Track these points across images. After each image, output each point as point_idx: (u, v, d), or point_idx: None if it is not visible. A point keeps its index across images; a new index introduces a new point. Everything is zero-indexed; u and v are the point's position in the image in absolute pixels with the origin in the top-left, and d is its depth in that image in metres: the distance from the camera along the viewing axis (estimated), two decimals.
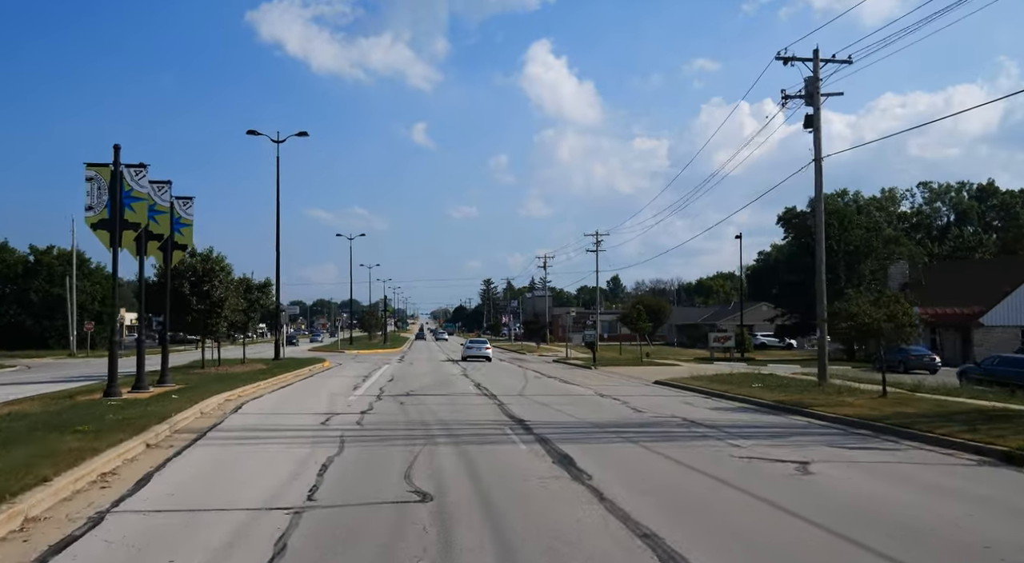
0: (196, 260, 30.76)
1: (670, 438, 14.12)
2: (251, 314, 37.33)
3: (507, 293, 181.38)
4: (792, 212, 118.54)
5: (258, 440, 13.42)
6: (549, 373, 36.98)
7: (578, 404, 20.90)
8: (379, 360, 50.64)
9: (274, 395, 23.16)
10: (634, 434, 14.52)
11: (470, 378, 31.97)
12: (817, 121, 24.68)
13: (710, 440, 13.86)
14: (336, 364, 44.45)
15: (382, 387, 26.34)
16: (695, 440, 13.86)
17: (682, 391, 25.73)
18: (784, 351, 70.45)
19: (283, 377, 30.28)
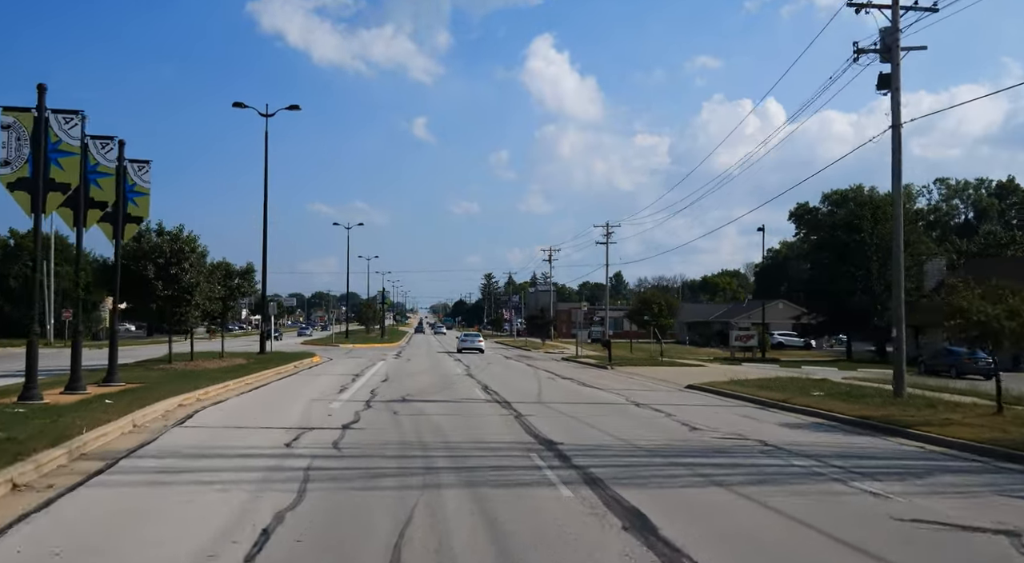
0: (164, 240, 26.73)
1: (764, 475, 10.12)
2: (231, 303, 33.29)
3: (508, 288, 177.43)
4: (804, 208, 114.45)
5: (185, 476, 9.36)
6: (563, 373, 32.95)
7: (612, 416, 16.88)
8: (374, 355, 46.63)
9: (242, 399, 19.12)
10: (711, 468, 10.50)
11: (476, 379, 27.95)
12: (896, 79, 20.63)
13: (824, 480, 9.85)
14: (326, 360, 40.43)
15: (374, 389, 22.32)
16: (803, 480, 9.84)
17: (728, 399, 21.72)
18: (803, 351, 66.42)
19: (262, 375, 26.28)
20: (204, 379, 21.83)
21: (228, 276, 33.11)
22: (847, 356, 54.10)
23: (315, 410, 16.71)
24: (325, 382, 24.93)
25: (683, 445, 12.83)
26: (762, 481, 9.68)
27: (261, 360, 33.82)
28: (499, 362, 42.41)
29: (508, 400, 19.87)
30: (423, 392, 21.99)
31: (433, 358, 45.83)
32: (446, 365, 37.73)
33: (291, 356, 38.75)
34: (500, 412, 17.19)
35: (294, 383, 24.73)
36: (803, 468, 10.70)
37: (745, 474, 10.15)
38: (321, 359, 40.31)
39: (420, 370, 33.08)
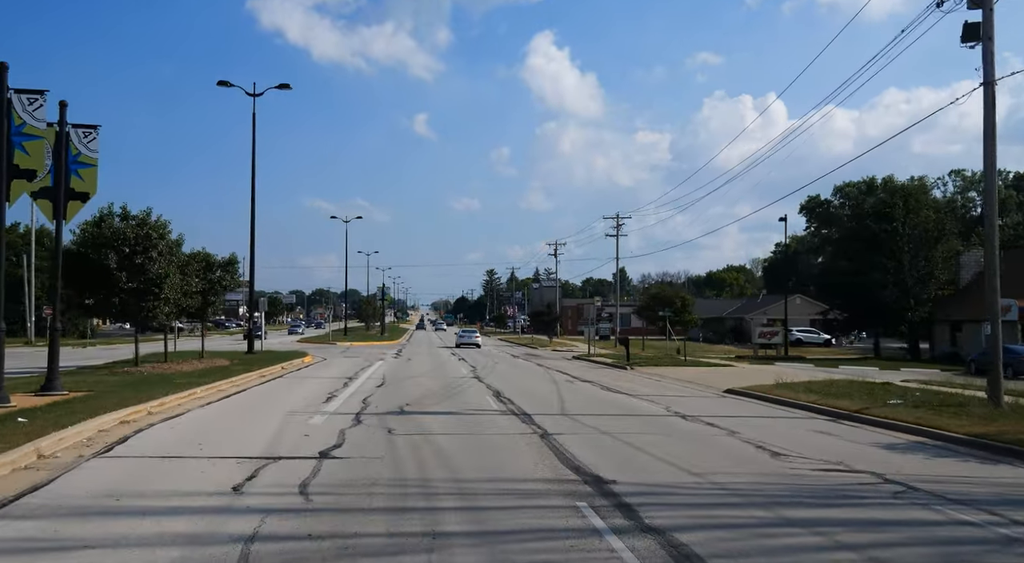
0: (128, 225, 23.32)
1: (938, 544, 6.71)
2: (211, 298, 29.87)
3: (511, 284, 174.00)
4: (816, 201, 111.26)
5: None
6: (580, 375, 29.52)
7: (660, 434, 13.46)
8: (372, 355, 43.25)
9: (205, 411, 15.72)
10: (847, 530, 7.08)
11: (485, 383, 24.53)
12: (988, 27, 17.20)
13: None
14: (320, 360, 37.04)
15: (367, 397, 18.92)
16: (995, 554, 6.44)
17: (786, 409, 18.30)
18: (823, 348, 62.92)
19: (241, 379, 22.90)
20: (167, 386, 18.43)
21: (208, 268, 29.74)
22: (875, 354, 50.67)
23: (291, 428, 13.30)
24: (312, 388, 21.53)
25: (778, 483, 9.41)
26: (948, 560, 6.27)
27: (246, 361, 30.43)
28: (507, 361, 39.02)
29: (527, 411, 16.46)
30: (425, 401, 18.58)
31: (436, 357, 42.44)
32: (450, 366, 34.32)
33: (281, 356, 35.37)
34: (521, 429, 13.78)
35: (276, 389, 21.34)
36: (981, 528, 7.27)
37: (908, 543, 6.74)
38: (313, 359, 36.92)
39: (422, 372, 29.69)
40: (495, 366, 34.63)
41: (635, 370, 33.46)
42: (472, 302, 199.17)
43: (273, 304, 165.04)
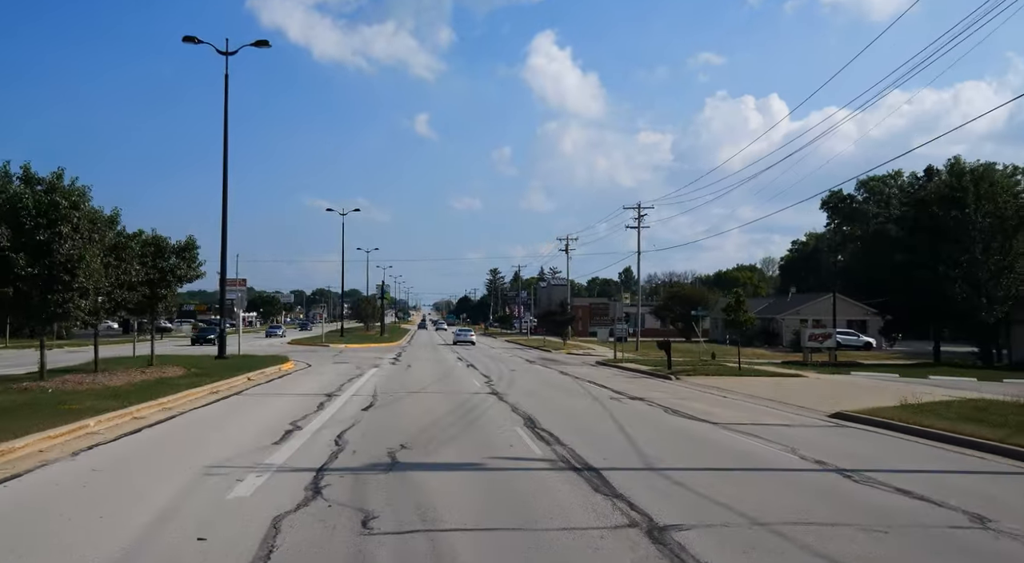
0: (29, 191, 17.26)
1: None
2: (162, 290, 23.80)
3: (514, 283, 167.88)
4: (837, 196, 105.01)
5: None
6: (624, 389, 23.28)
7: (864, 528, 7.34)
8: (368, 359, 37.14)
9: (63, 470, 9.58)
10: None
11: (508, 402, 18.32)
12: None
13: None
14: (302, 366, 30.94)
15: (344, 431, 12.79)
16: None
17: (955, 449, 12.18)
18: (863, 352, 56.72)
19: (182, 398, 16.84)
20: (45, 416, 12.33)
21: (158, 253, 23.69)
22: (935, 359, 44.41)
23: (181, 517, 7.15)
24: (272, 412, 15.42)
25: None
26: None
27: (207, 370, 24.35)
28: (523, 368, 32.85)
29: (589, 461, 10.30)
30: (429, 437, 12.44)
31: (440, 363, 36.30)
32: (458, 375, 28.18)
33: (255, 362, 29.29)
34: (601, 511, 7.62)
35: (220, 415, 15.23)
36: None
37: None
38: (295, 366, 30.84)
39: (424, 383, 23.58)
40: (512, 375, 28.48)
41: (682, 381, 27.35)
42: (475, 302, 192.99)
43: (270, 304, 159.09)
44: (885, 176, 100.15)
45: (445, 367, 32.56)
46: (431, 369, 31.06)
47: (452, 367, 32.31)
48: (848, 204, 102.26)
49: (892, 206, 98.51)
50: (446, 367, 32.50)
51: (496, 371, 30.46)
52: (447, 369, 31.08)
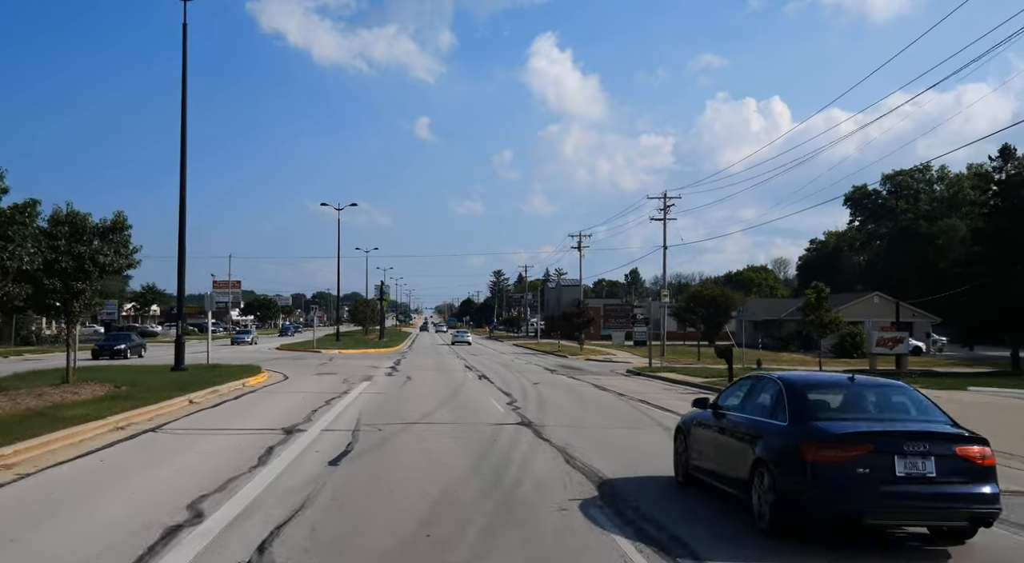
0: None
1: None
2: (78, 284, 17.71)
3: (518, 286, 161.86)
4: (862, 190, 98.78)
5: None
6: None
7: None
8: (360, 368, 31.03)
9: None
10: None
11: (553, 443, 12.04)
12: None
13: None
14: (278, 379, 24.89)
15: (286, 523, 6.75)
16: None
17: None
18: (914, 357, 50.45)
19: (62, 438, 10.84)
20: None
21: (74, 235, 17.66)
22: (1013, 366, 38.20)
23: None
24: (183, 474, 9.35)
25: None
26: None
27: (141, 389, 18.28)
28: (549, 382, 26.69)
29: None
30: (442, 544, 6.39)
31: (447, 373, 30.19)
32: (471, 391, 22.11)
33: (217, 375, 23.24)
34: None
35: (73, 484, 9.14)
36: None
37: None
38: (268, 378, 24.82)
39: (426, 407, 17.48)
40: (538, 391, 22.37)
41: None
42: (478, 305, 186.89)
43: (268, 307, 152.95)
44: (912, 170, 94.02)
45: (453, 380, 26.44)
46: (436, 383, 24.94)
47: (462, 381, 26.18)
48: (873, 200, 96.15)
49: (921, 201, 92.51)
50: (454, 380, 26.37)
51: (517, 385, 24.36)
52: (455, 384, 24.95)
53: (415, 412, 16.22)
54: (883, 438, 6.57)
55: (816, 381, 8.49)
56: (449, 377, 27.94)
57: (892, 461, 6.36)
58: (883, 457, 6.38)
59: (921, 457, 6.39)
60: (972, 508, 6.39)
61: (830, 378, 8.81)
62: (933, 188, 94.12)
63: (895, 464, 6.35)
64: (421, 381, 25.51)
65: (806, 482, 6.44)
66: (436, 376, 28.31)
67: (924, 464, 6.39)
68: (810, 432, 6.71)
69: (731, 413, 8.22)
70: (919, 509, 6.40)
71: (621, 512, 7.64)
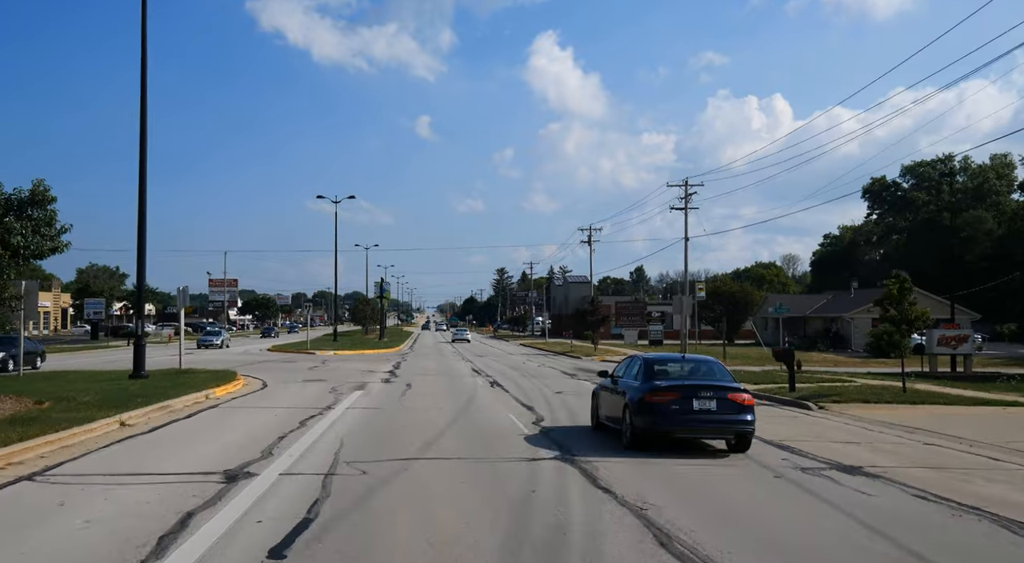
0: None
1: None
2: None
3: (522, 283, 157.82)
4: (881, 183, 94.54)
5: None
6: (784, 438, 13.04)
7: None
8: (354, 373, 27.07)
9: None
10: None
11: (626, 501, 8.00)
12: None
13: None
14: (253, 389, 20.86)
15: None
16: None
17: None
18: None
19: None
20: None
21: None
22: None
23: None
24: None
25: None
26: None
27: (78, 401, 14.37)
28: (572, 390, 22.54)
29: None
30: None
31: (453, 378, 26.22)
32: (483, 405, 18.09)
33: (179, 384, 19.29)
34: None
35: None
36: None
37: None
38: (242, 386, 20.87)
39: (428, 432, 13.45)
40: (564, 403, 18.29)
41: (834, 413, 17.26)
42: (481, 303, 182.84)
43: (266, 306, 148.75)
44: (934, 161, 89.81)
45: (460, 388, 22.41)
46: (441, 393, 20.91)
47: (471, 389, 22.15)
48: (892, 192, 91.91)
49: (943, 193, 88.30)
50: (462, 389, 22.35)
51: (537, 395, 20.33)
52: (464, 393, 20.92)
53: (414, 439, 12.21)
54: (686, 389, 11.17)
55: (659, 358, 13.33)
56: (456, 384, 23.91)
57: (691, 402, 10.99)
58: (686, 399, 10.98)
59: (707, 399, 11.03)
60: (736, 428, 11.10)
61: (668, 356, 14.92)
62: (955, 179, 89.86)
63: (693, 403, 10.98)
64: (423, 390, 21.48)
65: (645, 414, 11.02)
66: (441, 383, 24.29)
67: (709, 403, 11.01)
68: (649, 386, 11.29)
69: (620, 379, 12.64)
70: (706, 428, 11.23)
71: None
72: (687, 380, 11.66)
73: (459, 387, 22.84)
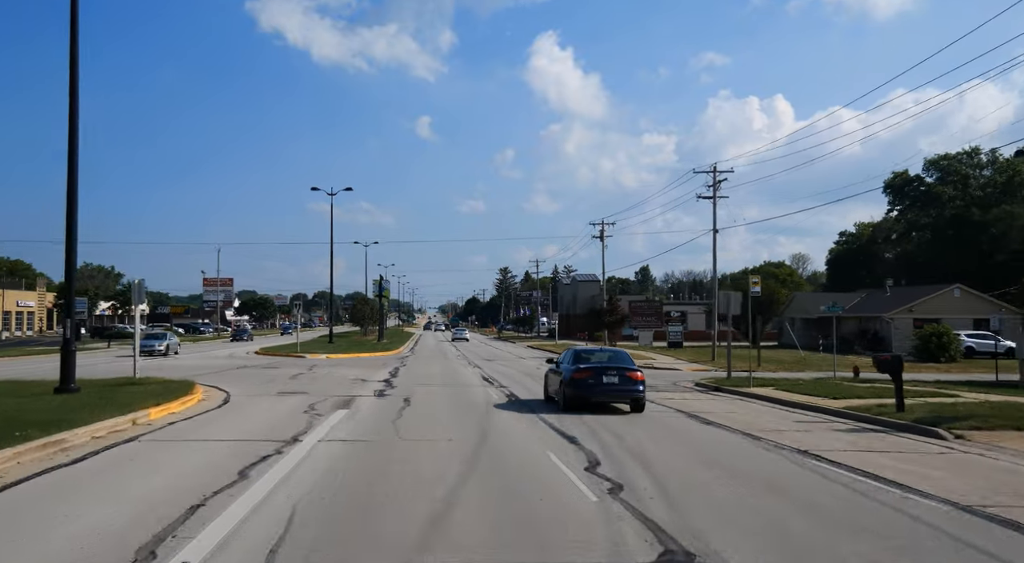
0: None
1: None
2: None
3: (525, 283, 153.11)
4: (903, 177, 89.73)
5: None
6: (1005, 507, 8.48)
7: None
8: (343, 383, 22.42)
9: None
10: None
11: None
12: None
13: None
14: (207, 408, 16.14)
15: None
16: None
17: None
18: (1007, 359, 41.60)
19: None
20: None
21: None
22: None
23: None
24: None
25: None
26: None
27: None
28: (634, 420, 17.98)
29: None
30: None
31: (461, 390, 21.56)
32: (508, 432, 13.46)
33: (113, 400, 14.64)
34: None
35: None
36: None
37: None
38: (196, 403, 16.25)
39: (435, 486, 8.84)
40: (613, 431, 13.64)
41: (996, 449, 12.56)
42: (484, 303, 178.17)
43: (264, 306, 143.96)
44: (959, 154, 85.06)
45: (472, 407, 17.68)
46: (448, 414, 16.18)
47: (486, 408, 17.38)
48: (915, 187, 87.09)
49: (971, 187, 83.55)
50: (475, 407, 17.56)
51: (574, 419, 15.64)
52: (477, 413, 16.19)
53: (413, 510, 7.49)
54: (598, 369, 16.09)
55: (586, 350, 18.85)
56: (465, 398, 19.25)
57: (601, 377, 15.93)
58: (598, 376, 15.92)
59: (613, 376, 16.03)
60: (632, 395, 16.05)
61: (592, 349, 20.57)
62: (981, 174, 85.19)
63: (602, 379, 15.90)
64: (425, 408, 16.79)
65: (572, 386, 15.89)
66: (447, 397, 19.60)
67: (614, 378, 16.01)
68: (575, 368, 16.21)
69: (561, 365, 17.45)
70: (611, 395, 16.04)
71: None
72: (601, 364, 16.64)
73: (470, 403, 18.18)
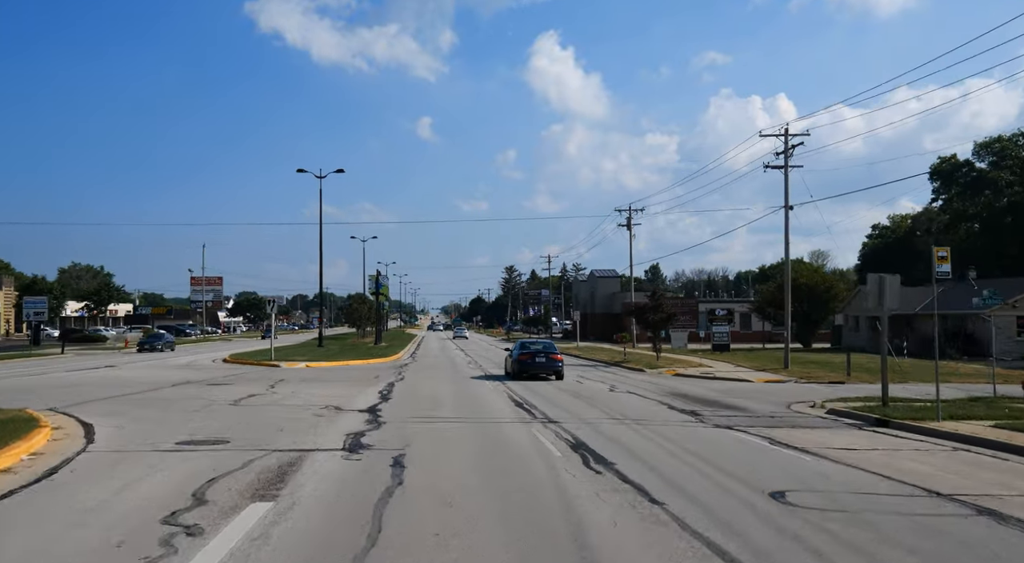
0: None
1: None
2: None
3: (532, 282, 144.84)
4: (951, 163, 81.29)
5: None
6: None
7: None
8: (303, 418, 14.11)
9: None
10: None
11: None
12: None
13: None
14: (44, 471, 7.94)
15: None
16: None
17: None
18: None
19: None
20: None
21: None
22: None
23: None
24: None
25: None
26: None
27: None
28: (803, 484, 9.81)
29: None
30: None
31: (506, 455, 13.36)
32: None
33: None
34: None
35: None
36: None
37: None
38: (17, 461, 7.90)
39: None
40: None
41: None
42: (489, 303, 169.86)
43: (258, 307, 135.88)
44: (1013, 136, 76.84)
45: (532, 494, 9.45)
46: (490, 515, 7.99)
47: (565, 504, 9.24)
48: (966, 172, 78.85)
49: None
50: (537, 496, 9.37)
51: (732, 513, 7.40)
52: (557, 531, 8.03)
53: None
54: (533, 352, 26.94)
55: (528, 340, 31.82)
56: (507, 461, 10.89)
57: (535, 358, 26.60)
58: (533, 356, 26.68)
59: (542, 357, 26.61)
60: (554, 369, 26.42)
61: (531, 340, 33.46)
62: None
63: (535, 359, 26.58)
64: (437, 494, 8.51)
65: (517, 364, 26.68)
66: (472, 454, 11.28)
67: (542, 359, 26.50)
68: (519, 352, 27.19)
69: (512, 351, 28.26)
70: (539, 369, 26.38)
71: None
72: (535, 347, 27.60)
73: (516, 467, 9.88)
